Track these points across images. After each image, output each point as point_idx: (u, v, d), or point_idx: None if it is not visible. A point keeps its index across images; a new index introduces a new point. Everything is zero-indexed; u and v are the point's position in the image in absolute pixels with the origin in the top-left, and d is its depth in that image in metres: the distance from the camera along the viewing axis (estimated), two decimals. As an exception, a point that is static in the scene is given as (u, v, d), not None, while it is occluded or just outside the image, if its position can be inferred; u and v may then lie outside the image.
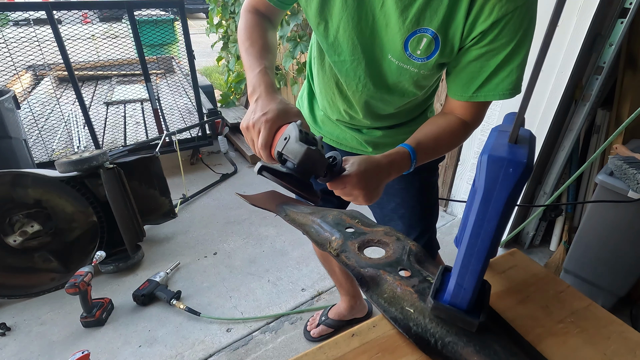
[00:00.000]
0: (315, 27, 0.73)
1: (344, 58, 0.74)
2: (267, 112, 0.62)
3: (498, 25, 0.60)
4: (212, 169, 2.78)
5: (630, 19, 1.39)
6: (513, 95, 0.67)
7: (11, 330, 1.53)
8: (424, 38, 0.65)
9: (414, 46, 0.66)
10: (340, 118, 0.90)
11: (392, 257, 0.60)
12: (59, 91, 3.60)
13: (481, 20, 0.61)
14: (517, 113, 0.37)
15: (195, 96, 2.67)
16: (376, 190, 0.65)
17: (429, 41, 0.65)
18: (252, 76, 0.70)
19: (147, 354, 1.43)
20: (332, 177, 0.63)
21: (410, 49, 0.67)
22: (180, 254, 1.94)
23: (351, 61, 0.74)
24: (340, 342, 0.50)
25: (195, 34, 3.67)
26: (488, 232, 0.41)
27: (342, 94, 0.84)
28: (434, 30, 0.64)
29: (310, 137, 0.60)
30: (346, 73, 0.77)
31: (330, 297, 1.69)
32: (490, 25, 0.60)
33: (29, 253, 1.69)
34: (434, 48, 0.65)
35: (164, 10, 4.52)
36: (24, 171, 1.59)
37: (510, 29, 0.61)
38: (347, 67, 0.75)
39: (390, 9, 0.64)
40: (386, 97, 0.79)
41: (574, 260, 1.53)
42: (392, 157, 0.67)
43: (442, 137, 0.73)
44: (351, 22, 0.68)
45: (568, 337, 0.51)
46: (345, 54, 0.73)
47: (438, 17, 0.62)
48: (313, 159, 0.58)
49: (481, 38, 0.62)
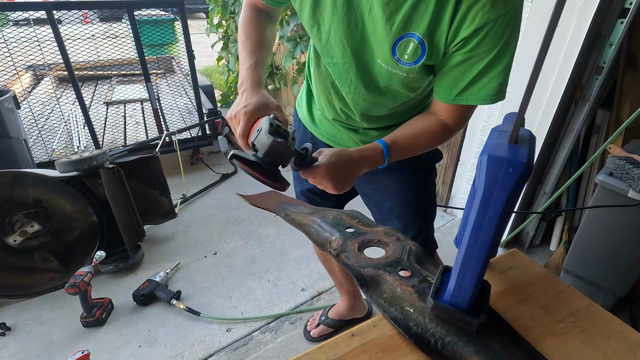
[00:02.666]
0: (309, 30, 0.74)
1: (336, 60, 0.75)
2: (247, 105, 0.68)
3: (480, 32, 0.61)
4: (212, 169, 2.78)
5: (630, 19, 1.39)
6: (495, 101, 0.68)
7: (11, 330, 1.53)
8: (410, 43, 0.66)
9: (401, 51, 0.67)
10: (337, 117, 0.91)
11: (392, 257, 0.60)
12: (59, 91, 3.60)
13: (464, 27, 0.62)
14: (517, 113, 0.37)
15: (195, 96, 2.66)
16: (345, 181, 0.69)
17: (415, 46, 0.66)
18: (242, 70, 0.76)
19: (147, 354, 1.43)
20: (304, 167, 0.69)
21: (398, 54, 0.67)
22: (180, 254, 1.94)
23: (342, 64, 0.75)
24: (340, 342, 0.50)
25: (195, 34, 3.67)
26: (488, 232, 0.41)
27: (337, 93, 0.85)
28: (420, 36, 0.64)
29: (281, 130, 0.64)
30: (339, 75, 0.78)
31: (330, 297, 1.69)
32: (472, 32, 0.61)
33: (29, 253, 1.69)
34: (420, 53, 0.66)
35: (164, 10, 4.52)
36: (24, 171, 1.59)
37: (493, 37, 0.62)
38: (340, 70, 0.77)
39: (377, 14, 0.65)
40: (378, 99, 0.80)
41: (574, 260, 1.53)
42: (364, 151, 0.72)
43: (419, 137, 0.76)
44: (341, 26, 0.69)
45: (568, 337, 0.51)
46: (337, 56, 0.74)
47: (424, 22, 0.63)
48: (279, 150, 0.62)
49: (464, 44, 0.63)
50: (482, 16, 0.60)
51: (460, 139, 2.01)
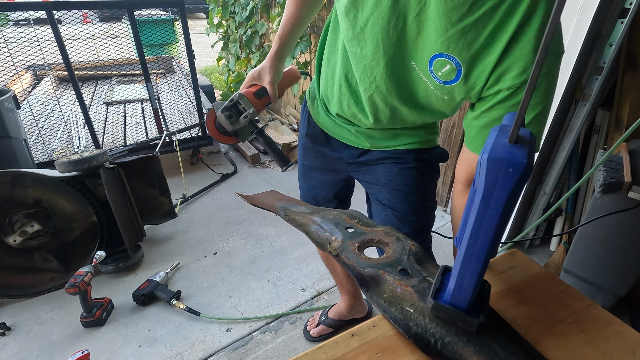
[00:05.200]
0: (344, 13, 0.70)
1: (365, 53, 0.71)
2: (253, 71, 0.95)
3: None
4: (212, 169, 2.78)
5: (630, 19, 1.39)
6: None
7: (11, 330, 1.53)
8: (447, 64, 0.62)
9: (437, 66, 0.64)
10: (341, 113, 0.87)
11: (392, 257, 0.60)
12: (59, 91, 3.60)
13: (512, 74, 0.58)
14: (517, 113, 0.37)
15: (195, 96, 2.66)
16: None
17: (451, 69, 0.63)
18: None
19: (147, 354, 1.43)
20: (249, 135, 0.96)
21: (434, 68, 0.65)
22: (180, 254, 1.94)
23: (371, 59, 0.71)
24: (340, 342, 0.50)
25: (195, 34, 3.67)
26: (488, 232, 0.41)
27: (350, 88, 0.81)
28: (459, 62, 0.61)
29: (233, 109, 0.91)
30: (363, 69, 0.74)
31: (330, 297, 1.69)
32: (522, 82, 0.58)
33: (29, 253, 1.69)
34: (454, 77, 0.63)
35: (164, 10, 4.52)
36: (24, 171, 1.59)
37: (541, 91, 0.59)
38: (366, 64, 0.72)
39: (429, 20, 0.61)
40: (396, 104, 0.76)
41: (574, 260, 1.53)
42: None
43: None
44: (380, 21, 0.65)
45: (568, 337, 0.51)
46: (368, 49, 0.70)
47: (470, 51, 0.60)
48: (223, 122, 0.92)
49: (510, 96, 0.60)
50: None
51: (461, 139, 2.01)
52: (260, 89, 0.93)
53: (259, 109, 0.93)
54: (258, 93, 0.93)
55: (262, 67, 0.94)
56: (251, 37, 3.18)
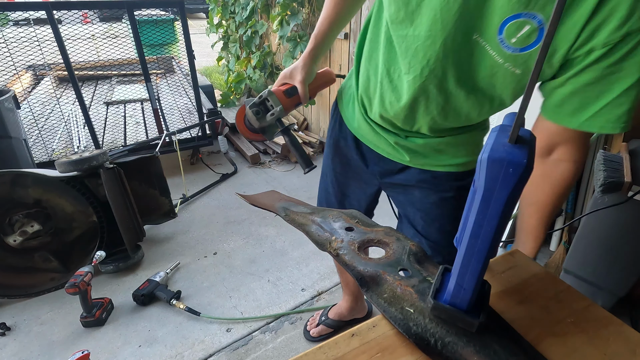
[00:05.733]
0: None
1: (419, 32, 0.62)
2: (286, 70, 0.92)
3: (634, 38, 0.48)
4: (212, 169, 2.78)
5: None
6: (625, 129, 0.55)
7: (11, 330, 1.53)
8: (526, 25, 0.53)
9: (510, 31, 0.54)
10: (383, 113, 0.79)
11: (392, 257, 0.60)
12: (59, 91, 3.60)
13: (610, 26, 0.48)
14: (517, 113, 0.37)
15: (195, 96, 2.66)
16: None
17: (531, 30, 0.53)
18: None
19: (147, 354, 1.43)
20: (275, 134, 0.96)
21: (505, 34, 0.55)
22: (180, 254, 1.94)
23: (426, 37, 0.62)
24: (340, 342, 0.50)
25: (195, 34, 3.67)
26: (488, 232, 0.41)
27: (392, 83, 0.73)
28: (542, 19, 0.51)
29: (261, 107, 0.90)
30: (414, 53, 0.65)
31: (330, 297, 1.69)
32: (622, 36, 0.48)
33: (29, 253, 1.69)
34: (534, 40, 0.54)
35: (164, 10, 4.52)
36: (24, 171, 1.59)
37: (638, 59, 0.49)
38: (418, 45, 0.63)
39: None
40: (451, 89, 0.67)
41: (574, 260, 1.52)
42: None
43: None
44: None
45: (568, 337, 0.51)
46: (422, 27, 0.61)
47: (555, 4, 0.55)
48: (250, 118, 0.91)
49: (606, 54, 0.50)
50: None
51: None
52: (290, 88, 0.91)
53: (287, 108, 0.91)
54: (288, 92, 0.90)
55: (295, 66, 0.91)
56: (251, 37, 3.18)
